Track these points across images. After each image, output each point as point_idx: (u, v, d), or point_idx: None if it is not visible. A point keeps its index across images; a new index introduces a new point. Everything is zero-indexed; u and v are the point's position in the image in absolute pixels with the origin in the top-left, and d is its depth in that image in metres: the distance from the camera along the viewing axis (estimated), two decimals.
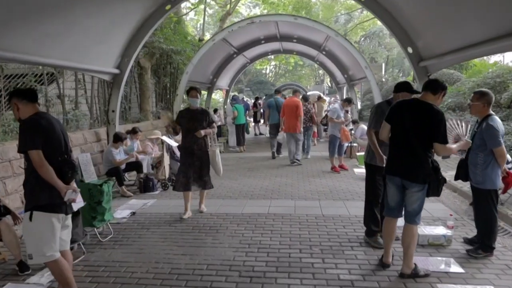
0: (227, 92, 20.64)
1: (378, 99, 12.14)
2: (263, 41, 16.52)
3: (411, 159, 3.89)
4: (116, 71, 8.38)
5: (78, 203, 4.10)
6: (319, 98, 16.23)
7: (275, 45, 18.08)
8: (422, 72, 7.82)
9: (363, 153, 10.35)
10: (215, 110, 17.22)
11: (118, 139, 7.71)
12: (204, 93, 20.88)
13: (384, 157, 4.49)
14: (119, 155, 7.59)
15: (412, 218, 3.96)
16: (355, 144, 10.90)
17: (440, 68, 8.28)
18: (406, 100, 4.13)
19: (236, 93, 34.12)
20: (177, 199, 7.03)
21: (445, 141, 3.78)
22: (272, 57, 34.01)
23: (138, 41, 8.35)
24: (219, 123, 15.96)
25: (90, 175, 5.12)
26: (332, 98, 23.20)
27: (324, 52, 16.54)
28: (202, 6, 23.48)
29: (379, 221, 4.74)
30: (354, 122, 11.74)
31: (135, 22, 7.93)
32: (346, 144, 9.68)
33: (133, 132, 8.32)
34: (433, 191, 3.89)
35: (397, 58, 40.49)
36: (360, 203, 6.51)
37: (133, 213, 6.26)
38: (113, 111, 8.64)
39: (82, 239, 4.59)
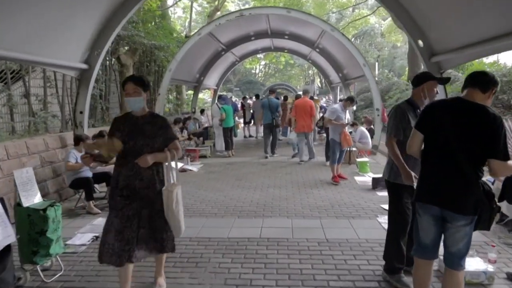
0: (215, 91, 19.48)
1: (377, 100, 11.16)
2: (253, 38, 15.43)
3: (456, 182, 2.82)
4: (84, 66, 7.20)
5: (5, 239, 3.00)
6: (311, 98, 15.22)
7: (265, 42, 17.00)
8: (434, 69, 6.78)
9: (364, 159, 9.50)
10: (202, 111, 16.09)
11: (78, 140, 6.53)
12: (191, 92, 19.80)
13: (413, 174, 3.41)
14: (78, 158, 6.40)
15: (458, 262, 2.90)
16: (354, 149, 9.83)
17: (456, 64, 7.26)
18: (446, 100, 3.06)
19: (224, 93, 32.99)
20: None
21: (507, 157, 2.71)
22: (262, 56, 32.95)
23: (109, 32, 7.19)
24: (206, 125, 14.83)
25: (32, 196, 3.95)
26: (325, 98, 22.20)
27: (317, 50, 15.49)
28: (189, 3, 22.29)
29: (404, 256, 3.66)
30: (352, 124, 10.68)
31: (104, 9, 6.76)
32: (344, 149, 8.52)
33: (100, 135, 7.13)
34: (484, 223, 2.84)
35: (388, 58, 39.69)
36: (368, 222, 5.48)
37: (96, 238, 5.10)
38: (81, 112, 7.45)
39: (13, 286, 3.41)
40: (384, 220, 5.55)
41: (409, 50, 23.26)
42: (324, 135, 13.73)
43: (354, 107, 15.09)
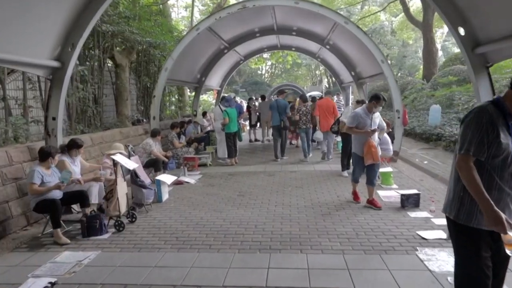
0: (219, 93, 18.23)
1: (398, 100, 9.85)
2: (258, 34, 14.16)
3: None
4: (55, 63, 5.98)
5: None
6: (320, 98, 14.03)
7: (271, 39, 15.72)
8: (478, 62, 5.40)
9: (387, 169, 7.77)
10: (204, 113, 14.84)
11: (45, 155, 5.29)
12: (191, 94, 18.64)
13: (504, 216, 2.15)
14: (45, 177, 5.17)
15: None
16: None
17: (507, 56, 5.89)
18: None
19: (227, 94, 31.78)
20: (133, 249, 4.66)
21: None
22: (268, 55, 31.68)
23: (84, 24, 5.97)
24: (208, 128, 13.58)
25: None
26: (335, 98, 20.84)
27: (327, 46, 14.17)
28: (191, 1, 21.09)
29: None
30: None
31: None
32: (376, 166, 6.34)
33: (72, 146, 5.89)
34: None
35: (397, 57, 38.21)
36: (407, 260, 4.13)
37: (52, 285, 3.86)
38: (53, 118, 6.22)
39: None
40: (426, 256, 4.27)
41: (424, 46, 21.89)
42: (338, 139, 12.47)
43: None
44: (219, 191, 7.42)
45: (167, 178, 6.98)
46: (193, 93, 18.23)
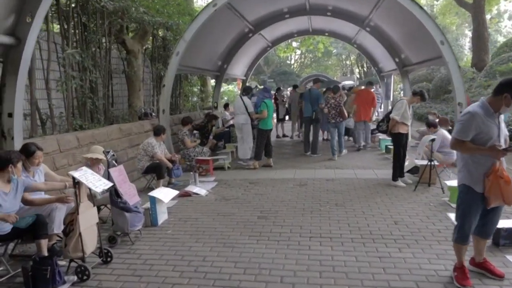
0: (243, 83, 16.35)
1: (460, 91, 7.72)
2: (287, 15, 12.16)
3: None
4: (7, 39, 4.29)
5: None
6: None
7: (302, 22, 13.67)
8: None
9: (453, 183, 5.21)
10: (226, 105, 13.01)
11: (2, 164, 3.61)
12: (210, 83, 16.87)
13: None
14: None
15: None
16: (435, 162, 6.43)
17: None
18: None
19: (256, 83, 29.72)
20: None
21: None
22: (298, 44, 29.49)
23: None
24: (231, 122, 11.75)
25: None
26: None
27: (368, 29, 12.01)
28: None
29: None
30: (430, 125, 7.29)
31: None
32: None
33: (28, 153, 4.16)
34: None
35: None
36: None
37: None
38: (9, 114, 4.54)
39: None
40: None
41: (474, 31, 19.21)
42: (380, 136, 10.49)
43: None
44: (234, 210, 5.58)
45: (164, 194, 5.20)
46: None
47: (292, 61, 48.97)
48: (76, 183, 3.63)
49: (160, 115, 8.66)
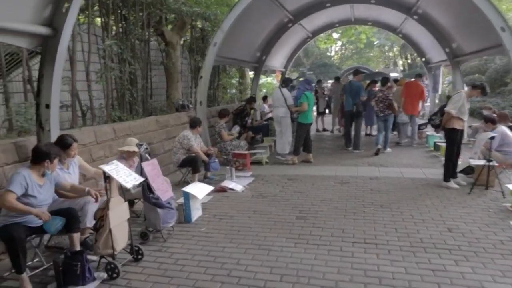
0: (282, 75, 15.96)
1: None
2: (328, 4, 11.62)
3: None
4: (45, 30, 4.19)
5: None
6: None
7: (344, 11, 13.06)
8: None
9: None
10: (265, 98, 12.71)
11: (40, 157, 3.52)
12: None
13: None
14: (31, 188, 3.42)
15: None
16: (494, 163, 5.83)
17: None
18: None
19: (297, 75, 29.10)
20: None
21: None
22: (338, 35, 28.64)
23: None
24: (269, 115, 11.45)
25: None
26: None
27: (415, 16, 11.27)
28: None
29: None
30: (488, 120, 6.66)
31: None
32: None
33: (64, 145, 4.05)
34: None
35: None
36: None
37: None
38: (47, 106, 4.47)
39: None
40: None
41: None
42: (427, 132, 9.88)
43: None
44: (271, 208, 5.30)
45: (198, 190, 5.00)
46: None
47: (332, 53, 47.86)
48: (107, 178, 3.47)
49: (197, 107, 8.49)
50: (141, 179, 3.77)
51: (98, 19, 8.57)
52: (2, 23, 3.71)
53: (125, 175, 3.56)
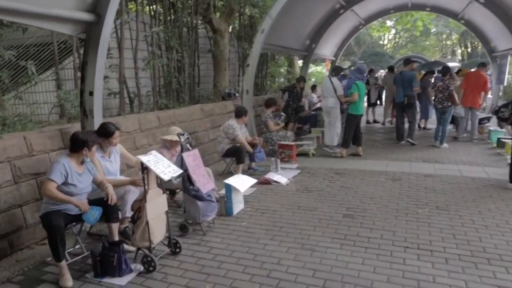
0: (332, 63, 15.40)
1: None
2: None
3: None
4: (88, 16, 4.13)
5: None
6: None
7: None
8: None
9: None
10: (313, 87, 12.29)
11: (78, 145, 3.46)
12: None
13: None
14: (71, 176, 3.38)
15: None
16: None
17: None
18: None
19: (349, 63, 28.08)
20: None
21: None
22: (393, 22, 27.33)
23: None
24: (318, 105, 11.05)
25: None
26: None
27: (482, 0, 10.34)
28: None
29: None
30: None
31: None
32: None
33: (99, 135, 3.98)
34: None
35: None
36: None
37: None
38: (90, 93, 4.44)
39: None
40: None
41: None
42: (490, 127, 9.11)
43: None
44: (317, 204, 5.01)
45: (241, 182, 4.80)
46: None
47: (385, 41, 45.94)
48: (145, 169, 3.35)
49: (243, 95, 8.30)
50: (180, 171, 3.61)
51: (147, 8, 8.58)
52: (46, 9, 3.68)
53: (163, 166, 3.42)
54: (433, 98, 9.26)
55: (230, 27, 11.38)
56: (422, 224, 4.25)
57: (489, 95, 14.07)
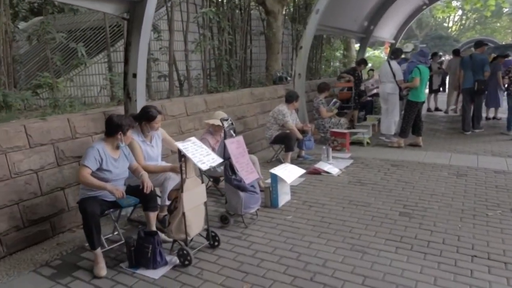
0: (392, 46, 14.39)
1: None
2: None
3: None
4: None
5: None
6: None
7: None
8: None
9: None
10: (370, 71, 11.52)
11: (112, 129, 3.31)
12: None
13: None
14: (106, 162, 3.24)
15: None
16: None
17: None
18: None
19: (412, 46, 26.42)
20: None
21: None
22: (459, 2, 25.17)
23: None
24: (374, 91, 10.35)
25: None
26: None
27: None
28: None
29: None
30: None
31: None
32: None
33: (140, 118, 3.79)
34: None
35: None
36: None
37: None
38: (134, 75, 4.27)
39: None
40: None
41: None
42: None
43: None
44: (370, 199, 4.55)
45: (288, 172, 4.44)
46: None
47: (450, 24, 42.80)
48: (182, 156, 3.10)
49: (295, 79, 7.87)
50: (219, 160, 3.32)
51: None
52: None
53: (201, 155, 3.16)
54: (506, 84, 8.31)
55: (284, 8, 10.90)
56: (493, 229, 3.67)
57: None
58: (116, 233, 3.72)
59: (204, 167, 3.10)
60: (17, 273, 3.19)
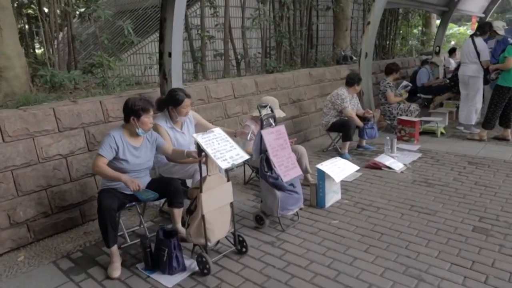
0: (481, 21, 12.55)
1: None
2: None
3: None
4: None
5: None
6: None
7: None
8: None
9: None
10: (452, 51, 10.12)
11: (128, 113, 2.96)
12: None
13: None
14: (122, 151, 2.91)
15: None
16: None
17: None
18: None
19: (503, 23, 23.35)
20: None
21: None
22: None
23: None
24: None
25: None
26: None
27: None
28: None
29: None
30: None
31: None
32: None
33: (167, 103, 3.38)
34: None
35: None
36: None
37: None
38: (169, 54, 3.86)
39: None
40: None
41: None
42: None
43: None
44: (437, 205, 3.75)
45: (338, 169, 3.79)
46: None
47: None
48: (202, 151, 2.63)
49: (361, 59, 7.00)
50: (246, 157, 2.79)
51: None
52: None
53: (224, 150, 2.65)
54: None
55: None
56: None
57: None
58: (142, 226, 3.41)
59: (224, 165, 2.59)
60: (38, 263, 3.01)
